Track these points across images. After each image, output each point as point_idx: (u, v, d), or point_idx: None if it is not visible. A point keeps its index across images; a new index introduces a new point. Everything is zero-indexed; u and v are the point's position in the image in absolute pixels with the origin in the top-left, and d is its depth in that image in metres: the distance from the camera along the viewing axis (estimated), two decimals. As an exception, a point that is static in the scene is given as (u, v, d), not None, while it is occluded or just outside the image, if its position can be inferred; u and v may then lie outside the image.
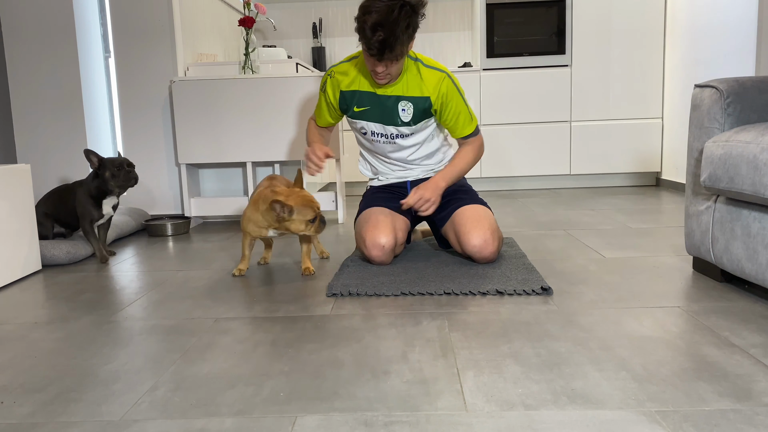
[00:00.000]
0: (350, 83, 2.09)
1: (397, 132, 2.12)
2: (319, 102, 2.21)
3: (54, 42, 3.09)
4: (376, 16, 1.82)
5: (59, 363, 1.36)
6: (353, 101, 2.11)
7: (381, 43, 1.82)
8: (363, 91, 2.08)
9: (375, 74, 1.97)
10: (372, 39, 1.83)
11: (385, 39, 1.82)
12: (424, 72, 2.06)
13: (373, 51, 1.85)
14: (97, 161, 2.41)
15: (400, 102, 2.06)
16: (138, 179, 2.49)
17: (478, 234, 2.03)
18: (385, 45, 1.83)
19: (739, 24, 3.17)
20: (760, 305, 1.59)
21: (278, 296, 1.82)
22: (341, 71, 2.12)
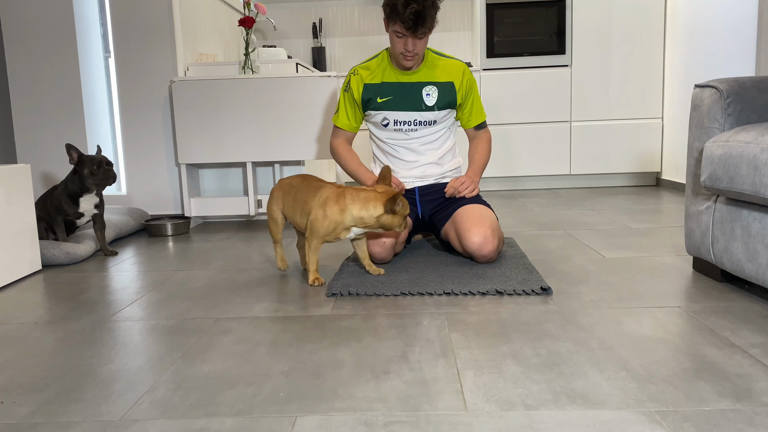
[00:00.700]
0: (373, 76, 2.19)
1: (420, 118, 2.19)
2: (341, 106, 2.25)
3: (54, 42, 3.09)
4: None
5: (59, 363, 1.36)
6: (377, 93, 2.18)
7: (416, 15, 1.94)
8: (386, 81, 2.18)
9: (405, 56, 2.07)
10: (406, 12, 1.95)
11: (418, 11, 1.94)
12: (443, 60, 2.21)
13: (408, 24, 1.96)
14: (77, 157, 2.42)
15: (425, 87, 2.17)
16: (116, 178, 2.50)
17: (479, 232, 2.03)
18: (419, 16, 1.95)
19: (739, 24, 3.17)
20: (760, 305, 1.59)
21: (278, 296, 1.82)
22: (364, 67, 2.21)
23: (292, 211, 1.98)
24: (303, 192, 1.95)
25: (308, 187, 1.95)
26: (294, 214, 1.97)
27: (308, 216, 1.90)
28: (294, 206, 1.97)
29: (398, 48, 2.07)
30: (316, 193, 1.91)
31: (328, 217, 1.84)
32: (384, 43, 4.86)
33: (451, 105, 2.19)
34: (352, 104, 2.23)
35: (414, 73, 2.16)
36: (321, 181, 1.97)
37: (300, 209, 1.94)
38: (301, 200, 1.94)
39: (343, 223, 1.85)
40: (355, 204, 1.84)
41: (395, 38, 2.05)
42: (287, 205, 2.01)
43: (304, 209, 1.92)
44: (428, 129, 2.21)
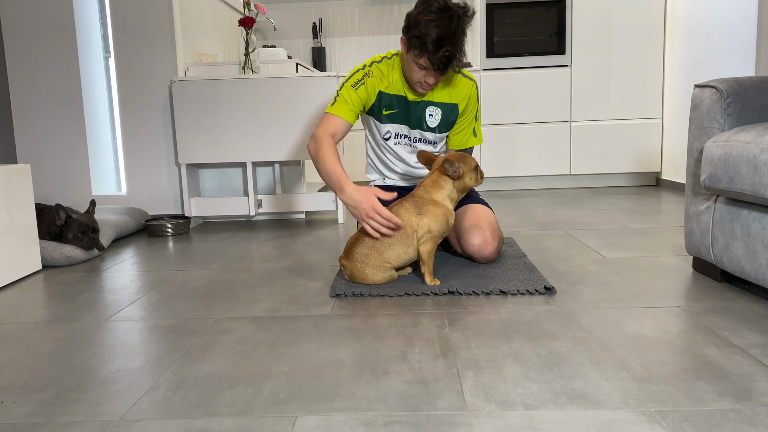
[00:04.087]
0: (388, 86, 2.04)
1: (420, 136, 2.12)
2: (345, 98, 2.00)
3: (54, 42, 3.09)
4: (437, 30, 1.80)
5: (59, 363, 1.36)
6: (383, 104, 2.06)
7: (447, 59, 1.83)
8: (394, 94, 2.05)
9: (422, 85, 1.95)
10: (437, 55, 1.81)
11: (451, 54, 1.82)
12: (458, 79, 2.07)
13: (438, 66, 1.84)
14: (64, 219, 2.41)
15: (428, 107, 2.06)
16: (104, 248, 2.48)
17: (478, 233, 2.03)
18: (451, 60, 1.84)
19: (739, 24, 3.17)
20: (760, 305, 1.59)
21: (278, 296, 1.82)
22: (381, 71, 2.04)
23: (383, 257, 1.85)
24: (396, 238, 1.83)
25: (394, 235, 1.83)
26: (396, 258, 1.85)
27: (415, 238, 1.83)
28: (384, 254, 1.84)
29: (415, 76, 1.93)
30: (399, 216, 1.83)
31: (438, 215, 1.82)
32: (385, 44, 4.86)
33: (450, 127, 2.13)
34: (358, 103, 2.02)
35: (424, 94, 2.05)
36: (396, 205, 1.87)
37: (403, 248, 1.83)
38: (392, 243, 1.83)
39: (448, 210, 1.85)
40: (434, 191, 1.85)
41: (415, 67, 1.90)
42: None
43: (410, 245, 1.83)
44: (429, 147, 2.15)
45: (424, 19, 1.81)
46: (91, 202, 2.54)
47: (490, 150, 4.26)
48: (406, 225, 1.83)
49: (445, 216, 1.85)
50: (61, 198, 3.20)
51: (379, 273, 1.85)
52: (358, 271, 1.85)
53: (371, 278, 1.85)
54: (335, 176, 1.87)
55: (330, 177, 1.88)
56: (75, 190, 3.20)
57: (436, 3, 1.84)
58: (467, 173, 1.88)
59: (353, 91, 2.01)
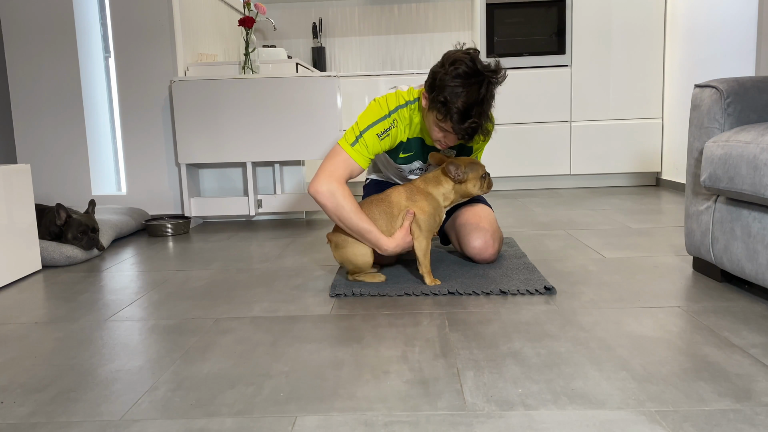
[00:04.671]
0: (410, 132, 1.93)
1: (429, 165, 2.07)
2: (372, 147, 1.86)
3: (54, 42, 3.09)
4: (464, 97, 1.67)
5: (59, 363, 1.36)
6: (402, 148, 1.97)
7: (473, 129, 1.71)
8: (413, 137, 1.95)
9: (441, 144, 1.84)
10: (463, 125, 1.69)
11: (478, 125, 1.70)
12: None
13: (462, 135, 1.73)
14: (64, 219, 2.41)
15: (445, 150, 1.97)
16: (104, 248, 2.49)
17: (479, 236, 2.03)
18: (477, 130, 1.72)
19: (738, 24, 3.17)
20: (760, 305, 1.59)
21: (278, 296, 1.82)
22: (404, 118, 1.89)
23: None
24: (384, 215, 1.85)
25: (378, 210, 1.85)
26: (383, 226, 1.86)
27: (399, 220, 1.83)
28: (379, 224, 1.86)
29: (435, 135, 1.81)
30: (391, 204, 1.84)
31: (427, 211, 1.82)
32: (385, 44, 4.86)
33: None
34: (378, 152, 1.90)
35: None
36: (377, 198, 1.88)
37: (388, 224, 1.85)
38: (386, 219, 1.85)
39: (438, 206, 1.85)
40: (431, 185, 1.85)
41: (436, 128, 1.78)
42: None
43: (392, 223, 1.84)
44: None
45: (451, 85, 1.67)
46: (91, 202, 2.54)
47: (490, 150, 4.26)
48: (394, 204, 1.84)
49: (434, 210, 1.84)
50: (61, 198, 3.20)
51: (360, 248, 1.85)
52: (341, 240, 1.86)
53: (351, 250, 1.85)
54: (373, 237, 1.80)
55: (367, 237, 1.81)
56: (75, 190, 3.20)
57: (463, 65, 1.69)
58: (472, 180, 1.87)
59: (378, 141, 1.86)
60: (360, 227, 1.79)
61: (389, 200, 1.86)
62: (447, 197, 1.87)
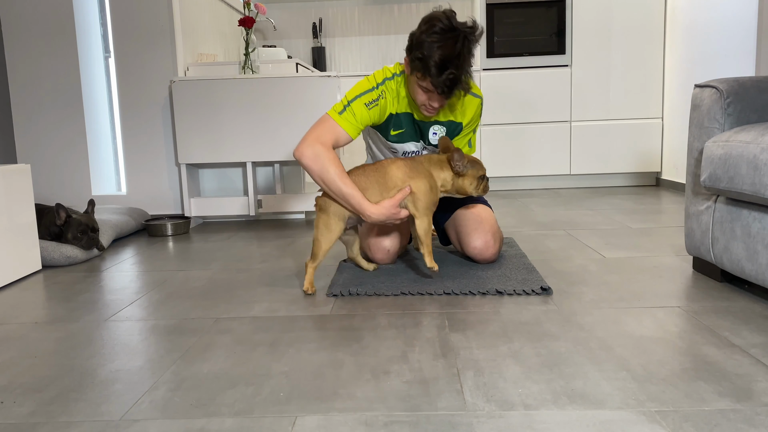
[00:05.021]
0: (394, 104, 1.94)
1: (424, 148, 2.06)
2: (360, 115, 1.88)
3: (54, 42, 3.09)
4: (441, 52, 1.71)
5: (59, 363, 1.36)
6: (392, 123, 1.97)
7: (452, 81, 1.73)
8: (402, 113, 1.96)
9: (427, 108, 1.86)
10: (441, 78, 1.72)
11: (456, 77, 1.73)
12: (467, 99, 1.98)
13: (442, 90, 1.75)
14: (64, 219, 2.41)
15: (433, 126, 1.99)
16: (104, 248, 2.49)
17: (479, 236, 2.03)
18: (456, 83, 1.74)
19: (739, 24, 3.17)
20: (760, 305, 1.59)
21: (278, 296, 1.82)
22: (392, 90, 1.92)
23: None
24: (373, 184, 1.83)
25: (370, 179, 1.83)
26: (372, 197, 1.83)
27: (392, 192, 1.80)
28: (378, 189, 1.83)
29: (419, 99, 1.84)
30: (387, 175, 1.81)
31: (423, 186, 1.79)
32: (385, 44, 4.86)
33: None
34: (367, 122, 1.92)
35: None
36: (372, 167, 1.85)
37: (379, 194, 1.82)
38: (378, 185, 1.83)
39: (436, 186, 1.83)
40: (434, 167, 1.84)
41: (419, 90, 1.81)
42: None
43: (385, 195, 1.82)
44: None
45: (428, 41, 1.72)
46: (90, 202, 2.54)
47: (490, 150, 4.26)
48: (390, 177, 1.81)
49: (432, 189, 1.81)
50: (61, 198, 3.20)
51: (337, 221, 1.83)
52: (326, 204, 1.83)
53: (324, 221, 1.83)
54: (356, 201, 1.79)
55: (350, 201, 1.80)
56: (75, 190, 3.20)
57: (440, 23, 1.74)
58: (470, 177, 1.86)
59: (366, 110, 1.88)
60: (344, 192, 1.78)
61: (385, 171, 1.83)
62: (444, 185, 1.86)
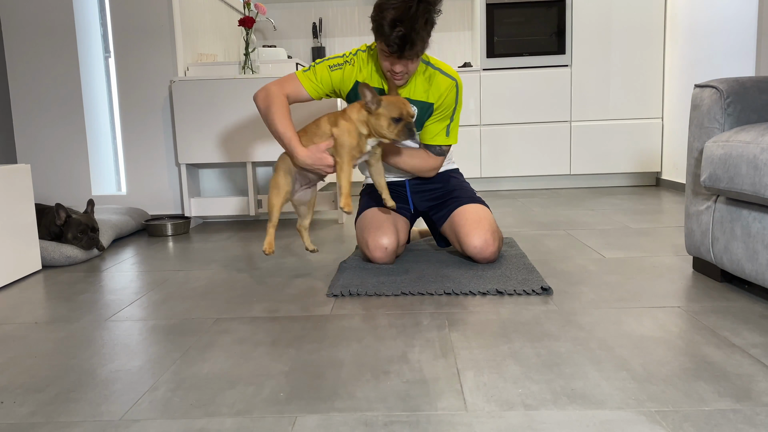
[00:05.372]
0: (365, 77, 2.01)
1: None
2: (321, 76, 1.99)
3: (54, 42, 3.09)
4: (393, 12, 1.78)
5: (59, 363, 1.36)
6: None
7: (401, 39, 1.78)
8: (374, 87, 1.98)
9: (393, 74, 1.91)
10: (392, 36, 1.78)
11: (405, 34, 1.77)
12: (437, 78, 2.01)
13: (393, 48, 1.80)
14: (64, 219, 2.41)
15: None
16: (104, 248, 2.50)
17: (479, 235, 2.03)
18: (406, 41, 1.78)
19: (739, 24, 3.17)
20: (760, 305, 1.59)
21: (278, 296, 1.82)
22: (363, 60, 2.01)
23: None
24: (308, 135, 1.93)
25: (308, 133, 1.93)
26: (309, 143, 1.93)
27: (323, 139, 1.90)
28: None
29: (384, 66, 1.91)
30: (318, 126, 1.92)
31: (343, 130, 1.85)
32: (384, 43, 4.85)
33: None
34: (328, 84, 2.00)
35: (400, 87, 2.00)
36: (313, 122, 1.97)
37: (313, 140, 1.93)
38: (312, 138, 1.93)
39: (357, 132, 1.85)
40: (353, 110, 1.87)
41: (382, 55, 1.88)
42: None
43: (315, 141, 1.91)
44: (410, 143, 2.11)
45: (385, 4, 1.81)
46: (89, 202, 2.54)
47: (490, 150, 4.26)
48: (320, 126, 1.91)
49: (350, 133, 1.85)
50: (61, 198, 3.20)
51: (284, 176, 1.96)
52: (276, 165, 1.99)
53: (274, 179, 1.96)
54: (287, 139, 1.91)
55: (282, 139, 1.92)
56: (75, 190, 3.20)
57: None
58: (382, 118, 1.82)
59: (328, 72, 1.99)
60: (279, 130, 1.91)
61: (318, 122, 1.93)
62: (361, 128, 1.86)
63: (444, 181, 2.22)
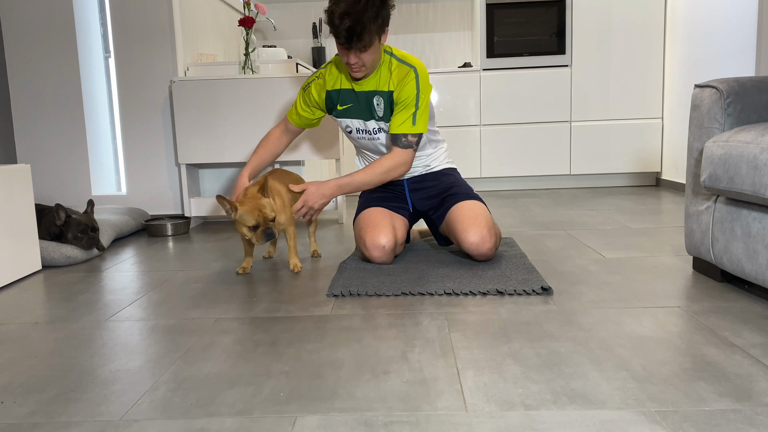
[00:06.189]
0: (334, 83, 2.12)
1: (377, 126, 2.12)
2: (297, 101, 2.20)
3: (54, 42, 3.09)
4: (344, 5, 1.86)
5: (59, 363, 1.36)
6: (337, 100, 2.13)
7: (348, 30, 1.85)
8: (345, 89, 2.11)
9: (349, 67, 1.98)
10: (339, 27, 1.86)
11: (352, 26, 1.84)
12: (395, 66, 2.06)
13: (341, 39, 1.88)
14: (64, 219, 2.41)
15: (375, 97, 2.07)
16: (104, 248, 2.50)
17: (475, 231, 2.03)
18: (353, 33, 1.85)
19: (739, 24, 3.17)
20: (760, 305, 1.59)
21: (278, 296, 1.82)
22: (329, 72, 2.14)
23: None
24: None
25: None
26: None
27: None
28: None
29: (343, 60, 1.98)
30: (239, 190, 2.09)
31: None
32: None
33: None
34: (307, 104, 2.18)
35: (363, 81, 2.07)
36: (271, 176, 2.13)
37: None
38: None
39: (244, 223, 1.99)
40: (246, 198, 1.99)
41: (338, 48, 1.95)
42: None
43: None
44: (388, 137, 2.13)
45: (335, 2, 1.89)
46: (89, 202, 2.54)
47: (490, 150, 4.26)
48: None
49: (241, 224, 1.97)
50: (61, 198, 3.20)
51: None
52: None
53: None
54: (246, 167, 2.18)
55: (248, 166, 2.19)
56: (75, 190, 3.20)
57: None
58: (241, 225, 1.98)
59: (301, 95, 2.19)
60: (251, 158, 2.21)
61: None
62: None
63: (441, 179, 2.23)
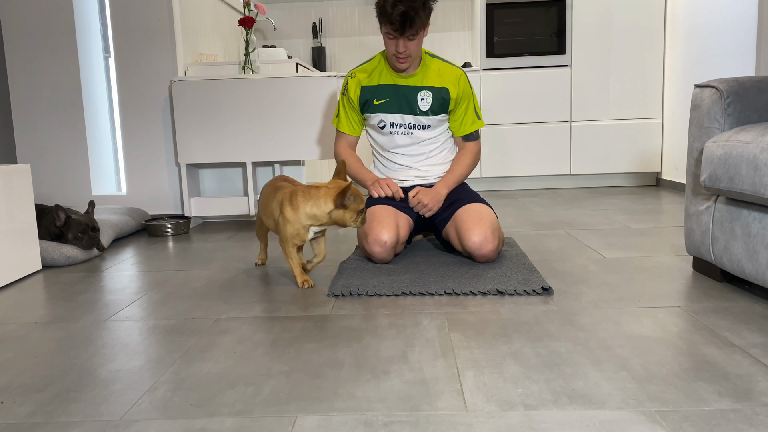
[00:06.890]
0: (370, 79, 2.21)
1: (415, 122, 2.21)
2: (341, 110, 2.28)
3: (54, 42, 3.09)
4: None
5: (59, 363, 1.36)
6: (374, 95, 2.21)
7: (402, 16, 1.96)
8: (383, 84, 2.20)
9: (397, 57, 2.08)
10: (393, 13, 1.97)
11: (405, 12, 1.95)
12: (443, 67, 2.21)
13: (395, 25, 1.98)
14: (64, 220, 2.41)
15: (420, 92, 2.18)
16: (104, 248, 2.50)
17: (479, 231, 2.03)
18: (406, 17, 1.96)
19: (739, 24, 3.17)
20: (760, 305, 1.59)
21: (278, 296, 1.82)
22: (361, 70, 2.24)
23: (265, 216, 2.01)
24: (268, 196, 1.99)
25: (272, 191, 1.97)
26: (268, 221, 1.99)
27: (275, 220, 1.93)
28: (265, 211, 2.00)
29: (390, 49, 2.09)
30: (275, 196, 1.93)
31: (288, 220, 1.85)
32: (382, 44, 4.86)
33: (445, 110, 2.22)
34: (351, 108, 2.26)
35: (410, 76, 2.19)
36: (285, 182, 1.98)
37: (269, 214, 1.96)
38: (266, 205, 1.98)
39: (300, 223, 1.85)
40: (307, 202, 1.84)
41: (387, 39, 2.07)
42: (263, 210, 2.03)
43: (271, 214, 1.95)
44: (424, 133, 2.23)
45: None
46: (90, 203, 2.54)
47: (490, 150, 4.26)
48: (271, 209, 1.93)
49: (296, 222, 1.84)
50: (61, 198, 3.20)
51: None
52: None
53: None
54: (361, 176, 2.26)
55: (358, 178, 2.27)
56: (75, 191, 3.20)
57: None
58: (351, 210, 1.85)
59: (344, 99, 2.26)
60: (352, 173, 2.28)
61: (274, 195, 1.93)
62: (317, 219, 1.85)
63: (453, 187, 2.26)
